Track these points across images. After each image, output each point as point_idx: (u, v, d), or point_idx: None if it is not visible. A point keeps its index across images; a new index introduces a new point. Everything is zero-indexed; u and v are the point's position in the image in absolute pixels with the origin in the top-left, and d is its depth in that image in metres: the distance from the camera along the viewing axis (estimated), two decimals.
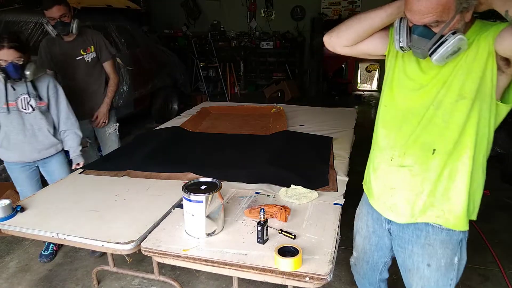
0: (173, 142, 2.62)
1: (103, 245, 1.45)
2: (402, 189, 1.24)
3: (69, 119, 2.36)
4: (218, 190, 1.44)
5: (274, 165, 2.09)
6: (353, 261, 1.57)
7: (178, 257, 1.36)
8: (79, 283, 2.33)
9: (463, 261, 1.27)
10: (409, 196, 1.23)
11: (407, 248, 1.28)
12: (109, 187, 1.93)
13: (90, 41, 2.71)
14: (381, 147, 1.30)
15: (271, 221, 1.52)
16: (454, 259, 1.23)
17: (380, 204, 1.33)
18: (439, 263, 1.23)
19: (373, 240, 1.44)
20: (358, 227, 1.50)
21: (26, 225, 1.58)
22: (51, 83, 2.29)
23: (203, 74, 7.50)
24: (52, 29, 2.54)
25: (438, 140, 1.15)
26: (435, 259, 1.23)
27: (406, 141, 1.21)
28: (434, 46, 1.05)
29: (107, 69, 2.83)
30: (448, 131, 1.13)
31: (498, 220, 2.89)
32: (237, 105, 3.74)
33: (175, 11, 8.31)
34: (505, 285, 2.23)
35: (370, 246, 1.45)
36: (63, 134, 2.37)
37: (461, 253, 1.25)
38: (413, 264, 1.28)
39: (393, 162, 1.25)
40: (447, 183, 1.17)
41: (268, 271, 1.25)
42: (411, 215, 1.23)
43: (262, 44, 7.96)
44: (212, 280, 2.29)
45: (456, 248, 1.22)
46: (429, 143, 1.17)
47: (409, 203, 1.23)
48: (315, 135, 2.66)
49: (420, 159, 1.19)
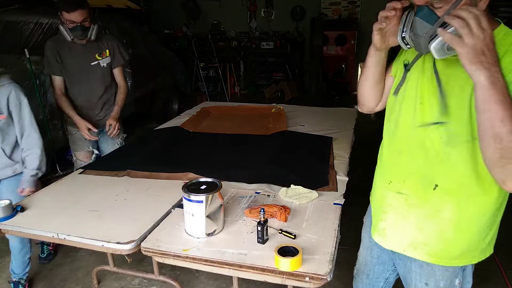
0: (173, 142, 2.62)
1: (103, 245, 1.45)
2: (394, 216, 1.17)
3: (30, 136, 2.06)
4: (218, 190, 1.44)
5: (274, 165, 2.09)
6: (355, 272, 1.51)
7: (178, 257, 1.36)
8: (79, 283, 2.33)
9: (469, 285, 1.19)
10: (399, 225, 1.16)
11: (406, 264, 1.22)
12: (109, 187, 1.93)
13: (106, 45, 2.56)
14: (382, 166, 1.23)
15: (271, 221, 1.52)
16: (455, 281, 1.15)
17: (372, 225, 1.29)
18: (437, 284, 1.16)
19: (375, 252, 1.37)
20: (362, 237, 1.44)
21: (26, 225, 1.58)
22: (13, 94, 1.96)
23: (203, 74, 7.51)
24: (68, 33, 2.35)
25: (441, 175, 1.05)
26: (433, 279, 1.16)
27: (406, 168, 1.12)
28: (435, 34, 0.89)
29: (117, 75, 2.68)
30: (451, 167, 1.02)
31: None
32: (237, 105, 3.74)
33: (175, 11, 8.32)
34: (505, 285, 2.23)
35: (372, 258, 1.39)
36: (23, 152, 2.07)
37: (465, 276, 1.16)
38: (411, 280, 1.22)
39: (390, 186, 1.17)
40: (443, 225, 1.07)
41: (268, 271, 1.25)
42: (398, 245, 1.18)
43: (262, 44, 7.97)
44: (212, 280, 2.30)
45: (457, 271, 1.14)
46: (432, 177, 1.06)
47: (399, 232, 1.16)
48: (315, 135, 2.66)
49: (419, 192, 1.09)
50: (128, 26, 5.19)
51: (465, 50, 0.80)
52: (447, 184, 1.04)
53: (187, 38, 7.91)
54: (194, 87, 7.71)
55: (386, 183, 1.19)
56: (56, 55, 2.45)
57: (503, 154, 0.82)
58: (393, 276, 1.39)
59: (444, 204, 1.05)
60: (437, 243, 1.09)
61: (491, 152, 0.84)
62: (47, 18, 3.94)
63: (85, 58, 2.50)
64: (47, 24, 3.92)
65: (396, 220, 1.16)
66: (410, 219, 1.13)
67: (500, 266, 2.35)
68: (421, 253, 1.12)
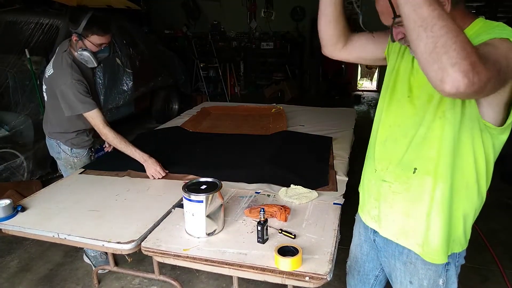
0: (173, 142, 2.63)
1: (103, 244, 1.45)
2: (384, 204, 1.18)
3: None
4: (218, 190, 1.45)
5: (274, 165, 2.09)
6: (347, 268, 1.51)
7: (179, 257, 1.37)
8: (80, 283, 2.33)
9: (454, 285, 1.16)
10: (388, 213, 1.17)
11: (390, 262, 1.23)
12: (110, 187, 1.94)
13: None
14: (369, 156, 1.25)
15: (271, 221, 1.53)
16: (438, 281, 1.14)
17: (364, 213, 1.29)
18: (421, 282, 1.16)
19: (365, 249, 1.38)
20: (354, 234, 1.45)
21: (26, 225, 1.58)
22: None
23: (203, 75, 7.51)
24: (93, 60, 2.03)
25: (418, 158, 1.07)
26: (416, 278, 1.16)
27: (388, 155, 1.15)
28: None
29: None
30: (427, 149, 1.04)
31: (498, 220, 2.89)
32: (237, 105, 3.75)
33: (175, 11, 8.33)
34: (505, 285, 2.23)
35: (361, 255, 1.40)
36: None
37: (449, 276, 1.14)
38: (396, 278, 1.23)
39: (376, 175, 1.19)
40: (427, 208, 1.07)
41: (268, 271, 1.25)
42: (392, 233, 1.18)
43: (262, 45, 7.97)
44: (212, 280, 2.30)
45: (440, 271, 1.13)
46: (410, 161, 1.08)
47: (389, 220, 1.17)
48: (315, 135, 2.67)
49: (401, 178, 1.11)
50: (128, 26, 5.19)
51: None
52: (425, 166, 1.05)
53: (187, 38, 7.91)
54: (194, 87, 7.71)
55: (372, 171, 1.22)
56: (87, 86, 2.06)
57: (436, 43, 0.73)
58: (383, 274, 1.39)
59: (425, 186, 1.06)
60: (426, 230, 1.09)
61: (422, 46, 0.75)
62: (47, 18, 3.95)
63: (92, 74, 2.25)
64: (47, 24, 3.92)
65: (385, 208, 1.18)
66: (397, 207, 1.14)
67: (500, 266, 2.35)
68: (413, 243, 1.13)
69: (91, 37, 1.98)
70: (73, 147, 2.24)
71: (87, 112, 2.02)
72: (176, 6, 8.28)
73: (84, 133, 2.26)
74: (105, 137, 2.08)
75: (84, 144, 2.27)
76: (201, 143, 2.63)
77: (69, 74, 1.99)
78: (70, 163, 2.26)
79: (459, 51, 0.71)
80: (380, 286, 1.44)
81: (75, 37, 2.00)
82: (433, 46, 0.73)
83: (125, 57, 4.86)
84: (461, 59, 0.70)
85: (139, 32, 5.61)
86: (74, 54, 2.06)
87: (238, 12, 8.12)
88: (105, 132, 2.04)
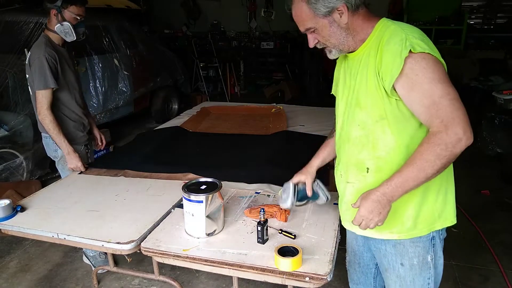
0: (173, 142, 2.62)
1: (103, 245, 1.45)
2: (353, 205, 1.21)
3: None
4: (218, 190, 1.44)
5: (274, 165, 2.09)
6: (347, 264, 1.52)
7: (178, 257, 1.36)
8: (79, 283, 2.33)
9: (440, 260, 1.22)
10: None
11: (381, 248, 1.25)
12: (109, 187, 1.93)
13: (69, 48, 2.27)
14: (336, 161, 1.32)
15: (271, 221, 1.52)
16: (427, 257, 1.19)
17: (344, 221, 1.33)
18: (411, 262, 1.19)
19: (360, 241, 1.39)
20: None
21: (26, 225, 1.58)
22: None
23: (203, 74, 7.51)
24: (72, 31, 2.06)
25: (368, 159, 1.15)
26: (407, 257, 1.20)
27: (346, 159, 1.23)
28: None
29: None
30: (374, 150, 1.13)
31: (498, 220, 2.89)
32: (237, 105, 3.75)
33: (175, 11, 8.32)
34: (505, 285, 2.23)
35: (358, 247, 1.41)
36: None
37: (436, 251, 1.20)
38: (388, 264, 1.25)
39: (342, 178, 1.26)
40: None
41: (268, 271, 1.25)
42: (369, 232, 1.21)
43: (262, 44, 7.96)
44: (212, 280, 2.29)
45: (428, 247, 1.18)
46: (362, 162, 1.17)
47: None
48: (315, 135, 2.66)
49: (359, 177, 1.19)
50: (128, 26, 5.19)
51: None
52: (375, 165, 1.14)
53: (187, 38, 7.91)
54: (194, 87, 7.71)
55: (339, 176, 1.29)
56: (57, 66, 2.07)
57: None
58: None
59: (380, 181, 1.09)
60: (394, 220, 1.14)
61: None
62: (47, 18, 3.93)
63: (72, 63, 2.23)
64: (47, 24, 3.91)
65: (353, 211, 1.19)
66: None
67: (500, 266, 2.35)
68: (387, 233, 1.18)
69: (70, 7, 2.05)
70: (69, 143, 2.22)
71: (40, 89, 2.00)
72: (176, 6, 8.27)
73: (78, 128, 2.25)
74: (42, 119, 2.04)
75: (80, 140, 2.26)
76: (201, 143, 2.63)
77: (43, 49, 2.02)
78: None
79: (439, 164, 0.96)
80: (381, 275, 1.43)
81: (54, 11, 2.06)
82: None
83: (125, 57, 4.86)
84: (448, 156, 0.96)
85: (139, 32, 5.60)
86: (49, 35, 2.11)
87: (238, 12, 8.13)
88: (44, 114, 2.02)
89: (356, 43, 1.12)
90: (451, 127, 0.94)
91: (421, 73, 0.97)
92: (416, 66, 0.98)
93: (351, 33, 1.11)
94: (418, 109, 1.00)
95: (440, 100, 0.95)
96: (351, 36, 1.11)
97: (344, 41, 1.12)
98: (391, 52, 1.00)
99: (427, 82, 0.97)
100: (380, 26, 1.08)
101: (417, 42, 0.99)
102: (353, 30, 1.10)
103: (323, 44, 1.17)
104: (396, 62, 0.99)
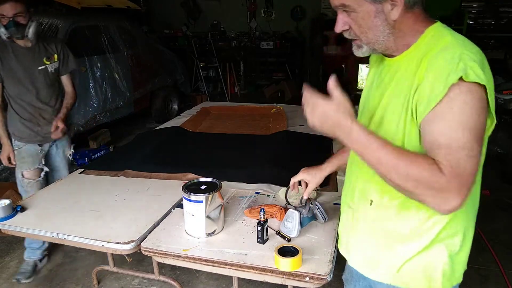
0: (173, 142, 2.62)
1: (103, 245, 1.45)
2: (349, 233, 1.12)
3: None
4: (218, 190, 1.44)
5: (274, 165, 2.09)
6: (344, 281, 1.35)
7: (178, 257, 1.36)
8: (79, 283, 2.33)
9: None
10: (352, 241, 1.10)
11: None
12: (109, 187, 1.93)
13: (54, 49, 2.30)
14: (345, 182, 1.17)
15: (271, 221, 1.52)
16: None
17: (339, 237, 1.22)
18: None
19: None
20: None
21: (26, 225, 1.58)
22: None
23: (203, 74, 7.51)
24: (3, 31, 2.08)
25: (374, 191, 0.99)
26: None
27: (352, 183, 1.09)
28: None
29: (66, 83, 2.38)
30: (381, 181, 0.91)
31: (498, 220, 2.89)
32: (237, 105, 3.75)
33: (175, 11, 8.32)
34: (505, 285, 2.23)
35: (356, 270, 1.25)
36: None
37: None
38: None
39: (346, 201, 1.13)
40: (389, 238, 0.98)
41: (268, 271, 1.25)
42: (357, 263, 1.10)
43: (262, 44, 7.95)
44: (212, 280, 2.29)
45: None
46: (367, 192, 1.02)
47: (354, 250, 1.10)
48: (315, 135, 2.66)
49: (361, 207, 1.05)
50: (128, 26, 5.19)
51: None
52: (379, 199, 0.98)
53: (187, 38, 7.91)
54: (194, 87, 7.71)
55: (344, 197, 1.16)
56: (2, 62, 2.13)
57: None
58: None
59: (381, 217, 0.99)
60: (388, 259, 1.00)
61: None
62: (47, 18, 3.94)
63: (32, 62, 2.22)
64: (47, 24, 3.92)
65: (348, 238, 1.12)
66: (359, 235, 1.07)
67: (500, 266, 2.35)
68: (378, 274, 1.03)
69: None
70: (15, 138, 2.26)
71: None
72: (176, 6, 8.27)
73: (28, 126, 2.21)
74: None
75: (30, 139, 2.21)
76: (201, 143, 2.63)
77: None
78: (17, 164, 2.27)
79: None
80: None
81: None
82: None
83: (125, 57, 4.86)
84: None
85: (139, 32, 5.60)
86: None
87: (238, 12, 8.12)
88: None
89: (398, 46, 0.92)
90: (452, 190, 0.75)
91: (458, 109, 0.78)
92: (458, 98, 0.78)
93: (395, 33, 0.89)
94: (429, 139, 0.82)
95: (458, 149, 0.77)
96: (393, 37, 0.90)
97: (384, 39, 0.90)
98: (436, 71, 0.81)
99: (457, 122, 0.78)
100: (432, 32, 0.88)
101: (472, 66, 0.78)
102: (399, 31, 0.89)
103: (354, 35, 0.93)
104: (437, 88, 0.79)
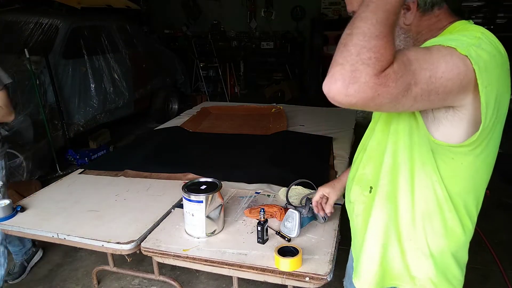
0: (173, 142, 2.62)
1: (103, 245, 1.45)
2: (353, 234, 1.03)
3: None
4: (218, 190, 1.44)
5: (274, 165, 2.09)
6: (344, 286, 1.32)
7: (178, 257, 1.36)
8: (79, 283, 2.33)
9: None
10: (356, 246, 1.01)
11: None
12: (109, 187, 1.93)
13: None
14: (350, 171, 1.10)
15: (271, 221, 1.52)
16: None
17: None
18: None
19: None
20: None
21: (26, 225, 1.58)
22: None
23: (203, 74, 7.51)
24: None
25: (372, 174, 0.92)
26: None
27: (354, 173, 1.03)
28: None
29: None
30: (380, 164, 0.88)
31: (498, 220, 2.89)
32: (237, 105, 3.75)
33: (175, 11, 8.32)
34: (505, 285, 2.23)
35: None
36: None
37: None
38: None
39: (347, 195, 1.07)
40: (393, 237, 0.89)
41: (268, 271, 1.25)
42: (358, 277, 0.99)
43: (262, 44, 7.96)
44: (212, 280, 2.29)
45: None
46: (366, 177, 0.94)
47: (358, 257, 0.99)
48: (315, 135, 2.66)
49: (359, 197, 0.97)
50: (128, 26, 5.19)
51: None
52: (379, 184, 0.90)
53: (187, 38, 7.91)
54: (194, 87, 7.71)
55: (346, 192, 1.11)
56: None
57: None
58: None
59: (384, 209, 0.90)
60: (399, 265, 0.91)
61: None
62: (47, 18, 3.94)
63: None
64: (46, 24, 3.92)
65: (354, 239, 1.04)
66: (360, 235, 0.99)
67: (500, 266, 2.35)
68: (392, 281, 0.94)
69: None
70: None
71: None
72: (176, 6, 8.27)
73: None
74: None
75: None
76: (201, 143, 2.63)
77: None
78: None
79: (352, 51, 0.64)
80: None
81: None
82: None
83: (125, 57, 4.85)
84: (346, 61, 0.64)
85: (139, 32, 5.60)
86: None
87: (238, 12, 8.12)
88: None
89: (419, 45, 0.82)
90: (372, 82, 0.63)
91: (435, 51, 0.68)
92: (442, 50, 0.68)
93: (413, 36, 0.84)
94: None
95: (410, 53, 0.66)
96: (412, 40, 0.84)
97: (400, 43, 0.85)
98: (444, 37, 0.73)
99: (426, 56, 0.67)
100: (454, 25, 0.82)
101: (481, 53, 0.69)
102: (417, 33, 0.84)
103: None
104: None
